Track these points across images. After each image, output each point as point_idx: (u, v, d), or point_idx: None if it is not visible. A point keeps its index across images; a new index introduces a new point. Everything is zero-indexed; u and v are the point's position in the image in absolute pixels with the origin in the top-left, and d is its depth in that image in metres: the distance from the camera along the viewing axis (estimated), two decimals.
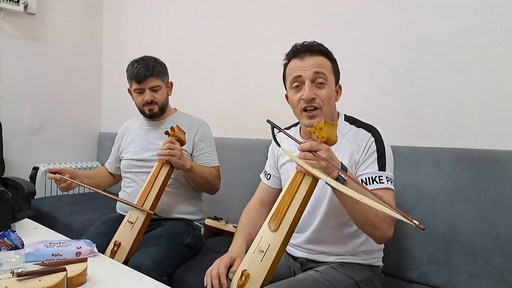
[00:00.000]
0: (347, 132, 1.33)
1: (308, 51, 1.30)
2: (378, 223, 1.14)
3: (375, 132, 1.29)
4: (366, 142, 1.27)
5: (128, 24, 3.56)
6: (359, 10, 1.94)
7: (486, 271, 1.39)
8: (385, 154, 1.25)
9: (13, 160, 3.19)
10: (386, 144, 1.27)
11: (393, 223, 1.18)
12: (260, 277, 1.10)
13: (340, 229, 1.32)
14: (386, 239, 1.19)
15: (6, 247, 1.30)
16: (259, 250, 1.14)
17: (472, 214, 1.43)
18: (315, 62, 1.27)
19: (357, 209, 1.13)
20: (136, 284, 1.24)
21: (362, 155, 1.26)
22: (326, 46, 1.34)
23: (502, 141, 1.49)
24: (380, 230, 1.15)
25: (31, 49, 3.32)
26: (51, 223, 2.41)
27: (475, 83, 1.57)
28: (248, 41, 2.51)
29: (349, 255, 1.33)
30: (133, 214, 1.66)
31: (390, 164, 1.27)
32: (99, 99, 3.84)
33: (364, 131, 1.30)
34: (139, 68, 1.83)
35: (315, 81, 1.27)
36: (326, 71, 1.28)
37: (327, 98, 1.27)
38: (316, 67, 1.26)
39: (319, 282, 1.21)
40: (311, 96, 1.25)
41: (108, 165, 2.12)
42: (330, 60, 1.31)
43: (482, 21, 1.55)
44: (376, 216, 1.13)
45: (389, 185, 1.22)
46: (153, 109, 1.89)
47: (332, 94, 1.30)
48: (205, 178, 1.79)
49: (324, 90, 1.27)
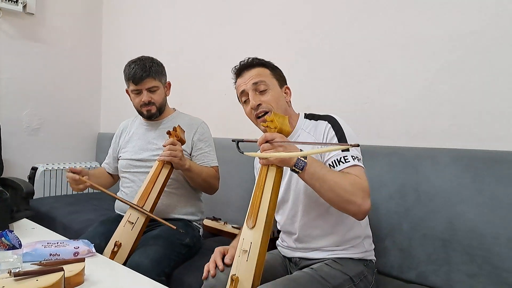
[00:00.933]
0: (307, 127, 1.41)
1: (245, 67, 1.46)
2: (351, 197, 1.16)
3: (331, 118, 1.36)
4: (324, 129, 1.34)
5: (127, 25, 3.56)
6: (358, 10, 1.94)
7: (484, 271, 1.39)
8: (345, 136, 1.30)
9: (12, 160, 3.19)
10: (344, 127, 1.33)
11: (368, 196, 1.20)
12: (249, 277, 1.11)
13: (323, 219, 1.35)
14: (365, 213, 1.21)
15: (3, 247, 1.30)
16: (243, 251, 1.16)
17: (471, 214, 1.43)
18: (252, 74, 1.41)
19: (326, 188, 1.16)
20: (134, 284, 1.24)
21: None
22: (261, 59, 1.48)
23: (501, 142, 1.49)
24: (354, 203, 1.17)
25: (30, 49, 3.32)
26: (49, 223, 2.41)
27: (474, 83, 1.57)
28: (247, 41, 2.51)
29: (341, 249, 1.34)
30: (133, 214, 1.65)
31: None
32: (98, 99, 3.84)
33: (321, 121, 1.38)
34: (136, 69, 1.81)
35: (258, 89, 1.39)
36: (265, 78, 1.40)
37: (273, 100, 1.38)
38: (253, 78, 1.40)
39: (314, 279, 1.22)
40: (257, 103, 1.38)
41: (106, 166, 2.11)
42: (269, 68, 1.44)
43: (481, 21, 1.55)
44: (345, 191, 1.16)
45: (356, 162, 1.25)
46: (150, 110, 1.88)
47: (278, 96, 1.40)
48: (204, 178, 1.79)
49: (267, 94, 1.39)
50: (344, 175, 1.20)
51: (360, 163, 1.26)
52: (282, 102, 1.41)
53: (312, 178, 1.17)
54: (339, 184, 1.16)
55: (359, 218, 1.26)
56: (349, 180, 1.18)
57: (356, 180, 1.19)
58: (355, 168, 1.24)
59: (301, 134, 1.40)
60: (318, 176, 1.16)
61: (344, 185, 1.16)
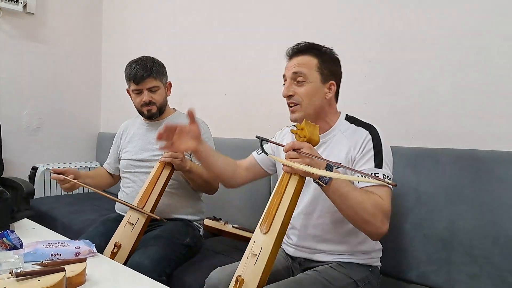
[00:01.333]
0: (346, 130, 1.36)
1: (296, 52, 1.39)
2: (370, 218, 1.15)
3: (373, 130, 1.32)
4: (363, 139, 1.29)
5: (127, 24, 3.56)
6: (358, 10, 1.94)
7: (485, 271, 1.39)
8: (382, 152, 1.27)
9: (12, 160, 3.18)
10: (384, 143, 1.29)
11: (387, 219, 1.18)
12: (255, 281, 1.10)
13: (337, 226, 1.33)
14: (380, 235, 1.20)
15: (5, 247, 1.30)
16: (252, 254, 1.14)
17: (471, 214, 1.43)
18: (297, 62, 1.36)
19: (347, 205, 1.15)
20: (135, 284, 1.24)
21: (359, 152, 1.28)
22: (319, 45, 1.40)
23: (502, 142, 1.49)
24: (372, 225, 1.16)
25: (30, 49, 3.32)
26: (50, 223, 2.41)
27: (475, 84, 1.57)
28: (247, 41, 2.51)
29: (347, 255, 1.33)
30: (133, 215, 1.65)
31: (388, 162, 1.28)
32: (98, 99, 3.84)
33: (362, 129, 1.33)
34: (137, 69, 1.82)
35: (295, 79, 1.35)
36: (306, 69, 1.34)
37: (306, 95, 1.33)
38: (295, 67, 1.35)
39: (318, 282, 1.21)
40: (287, 93, 1.36)
41: (107, 166, 2.11)
42: (319, 58, 1.36)
43: (481, 21, 1.55)
44: (366, 211, 1.14)
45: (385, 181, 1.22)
46: (151, 110, 1.88)
47: (314, 91, 1.34)
48: (204, 179, 1.79)
49: (302, 87, 1.34)
50: (367, 194, 1.18)
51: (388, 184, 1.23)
52: (317, 98, 1.35)
53: (335, 194, 1.14)
54: (360, 204, 1.14)
55: (374, 239, 1.25)
56: (372, 201, 1.15)
57: (379, 201, 1.17)
58: (381, 188, 1.21)
59: (337, 135, 1.36)
60: (341, 193, 1.13)
61: (365, 205, 1.14)
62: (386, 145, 1.29)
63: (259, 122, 2.40)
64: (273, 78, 2.31)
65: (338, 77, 1.41)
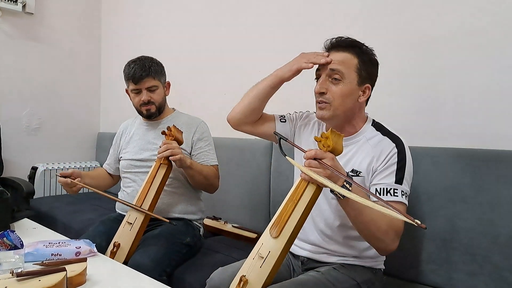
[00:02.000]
0: (371, 138, 1.30)
1: (335, 46, 1.32)
2: (381, 236, 1.13)
3: (399, 143, 1.26)
4: (389, 152, 1.24)
5: (126, 24, 3.56)
6: (360, 10, 1.94)
7: (485, 270, 1.39)
8: (405, 168, 1.23)
9: (12, 160, 3.18)
10: (408, 158, 1.25)
11: (398, 237, 1.17)
12: (259, 283, 1.09)
13: (345, 231, 1.31)
14: (389, 252, 1.19)
15: (5, 247, 1.30)
16: (259, 256, 1.13)
17: (471, 213, 1.43)
18: (336, 58, 1.28)
19: (360, 220, 1.13)
20: (135, 284, 1.24)
21: (381, 164, 1.24)
22: (361, 43, 1.34)
23: (502, 141, 1.49)
24: (383, 242, 1.15)
25: (29, 49, 3.31)
26: (50, 223, 2.41)
27: (476, 83, 1.57)
28: (246, 40, 2.50)
29: (351, 257, 1.32)
30: (132, 214, 1.66)
31: (408, 179, 1.24)
32: (98, 99, 3.84)
33: (389, 141, 1.27)
34: (135, 68, 1.82)
35: (331, 76, 1.27)
36: (345, 68, 1.26)
37: (340, 95, 1.26)
38: (334, 64, 1.27)
39: (321, 284, 1.21)
40: (321, 90, 1.28)
41: (107, 166, 2.11)
42: (360, 59, 1.29)
43: (483, 20, 1.56)
44: (379, 229, 1.12)
45: (402, 199, 1.20)
46: (150, 109, 1.88)
47: (348, 93, 1.27)
48: (205, 176, 1.79)
49: (337, 86, 1.27)
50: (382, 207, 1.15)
51: (405, 201, 1.21)
52: (349, 101, 1.28)
53: (350, 207, 1.12)
54: (375, 220, 1.11)
55: (381, 254, 1.24)
56: (387, 218, 1.12)
57: (394, 220, 1.13)
58: (398, 205, 1.17)
59: (361, 140, 1.31)
60: (357, 207, 1.10)
61: (379, 223, 1.12)
62: (409, 160, 1.25)
63: None
64: None
65: (374, 81, 1.35)
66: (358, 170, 1.27)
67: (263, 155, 2.19)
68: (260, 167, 2.19)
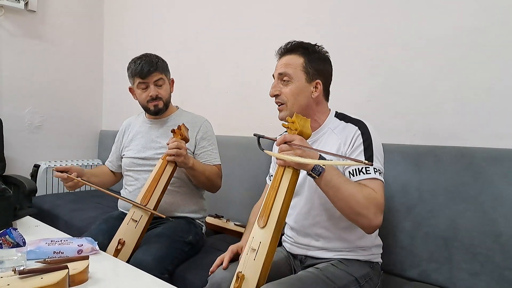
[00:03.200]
0: (336, 127, 1.38)
1: (283, 52, 1.42)
2: (362, 211, 1.16)
3: (362, 125, 1.33)
4: (353, 135, 1.31)
5: (129, 22, 3.56)
6: (359, 9, 1.94)
7: (486, 269, 1.39)
8: (372, 146, 1.28)
9: (14, 158, 3.19)
10: (374, 137, 1.30)
11: (381, 211, 1.20)
12: (255, 276, 1.11)
13: (334, 223, 1.34)
14: (374, 228, 1.22)
15: (7, 244, 1.31)
16: (251, 250, 1.15)
17: (472, 212, 1.43)
18: (284, 62, 1.38)
19: (339, 197, 1.16)
20: (137, 281, 1.25)
21: (349, 148, 1.30)
22: (306, 43, 1.41)
23: (503, 140, 1.49)
24: (365, 218, 1.17)
25: (31, 47, 3.32)
26: (52, 221, 2.42)
27: (476, 82, 1.57)
28: (249, 39, 2.50)
29: (347, 251, 1.34)
30: (137, 212, 1.66)
31: (379, 157, 1.30)
32: (100, 96, 3.84)
33: (351, 125, 1.34)
34: (142, 64, 1.83)
35: (281, 79, 1.38)
36: (291, 69, 1.36)
37: (291, 94, 1.35)
38: (282, 67, 1.38)
39: (319, 279, 1.22)
40: (274, 93, 1.39)
41: (109, 164, 2.11)
42: (306, 57, 1.37)
43: (482, 19, 1.55)
44: (358, 203, 1.16)
45: (376, 175, 1.24)
46: (158, 105, 1.88)
47: (299, 90, 1.36)
48: (207, 176, 1.80)
49: (287, 87, 1.36)
50: (360, 187, 1.20)
51: (380, 177, 1.25)
52: (302, 97, 1.36)
53: (327, 185, 1.16)
54: (353, 195, 1.16)
55: (368, 232, 1.26)
56: (364, 193, 1.17)
57: (372, 194, 1.19)
58: (374, 182, 1.23)
59: (327, 132, 1.39)
60: (333, 184, 1.15)
61: (358, 197, 1.16)
62: (376, 140, 1.31)
63: (261, 120, 2.40)
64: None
65: (325, 76, 1.41)
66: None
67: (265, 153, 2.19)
68: (262, 166, 2.19)
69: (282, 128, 1.64)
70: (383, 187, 1.25)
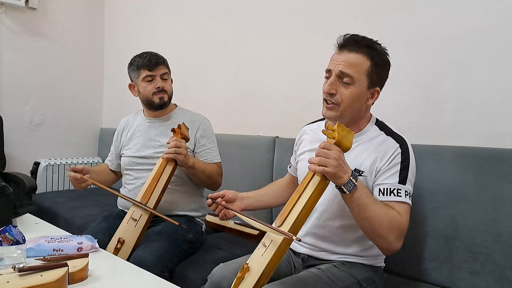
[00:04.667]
0: (375, 138, 1.30)
1: (347, 45, 1.28)
2: (384, 234, 1.14)
3: (403, 143, 1.26)
4: (392, 152, 1.24)
5: (130, 20, 3.55)
6: (362, 7, 1.93)
7: (487, 268, 1.39)
8: (409, 168, 1.23)
9: (14, 155, 3.19)
10: (412, 158, 1.25)
11: (402, 237, 1.18)
12: (259, 270, 1.10)
13: (345, 232, 1.31)
14: (392, 251, 1.19)
15: (7, 242, 1.30)
16: (262, 245, 1.14)
17: (473, 212, 1.43)
18: (347, 60, 1.24)
19: (364, 216, 1.14)
20: (137, 280, 1.25)
21: (385, 164, 1.24)
22: (375, 43, 1.29)
23: (505, 139, 1.48)
24: (386, 240, 1.15)
25: (32, 44, 3.31)
26: (52, 218, 2.41)
27: (479, 81, 1.56)
28: (249, 37, 2.50)
29: (351, 255, 1.33)
30: (137, 211, 1.65)
31: (412, 179, 1.25)
32: (100, 94, 3.84)
33: (392, 140, 1.27)
34: (150, 56, 1.86)
35: (342, 78, 1.24)
36: (355, 72, 1.23)
37: (349, 97, 1.24)
38: (345, 66, 1.23)
39: (321, 280, 1.21)
40: (330, 91, 1.25)
41: (109, 163, 2.11)
42: (372, 62, 1.25)
43: (485, 19, 1.55)
44: (382, 226, 1.13)
45: (406, 199, 1.20)
46: (163, 98, 1.88)
47: (357, 95, 1.25)
48: (207, 174, 1.79)
49: (348, 89, 1.24)
50: (387, 209, 1.16)
51: (409, 201, 1.21)
52: (358, 103, 1.26)
53: (355, 203, 1.13)
54: (378, 217, 1.13)
55: (385, 254, 1.25)
56: (390, 216, 1.15)
57: (397, 218, 1.16)
58: (402, 205, 1.19)
59: (364, 140, 1.31)
60: (361, 203, 1.12)
61: (383, 219, 1.13)
62: (413, 160, 1.25)
63: (261, 118, 2.40)
64: (276, 74, 2.31)
65: (384, 83, 1.33)
66: (361, 170, 1.27)
67: (266, 151, 2.19)
68: (263, 164, 2.19)
69: (281, 127, 1.65)
70: (410, 211, 1.22)
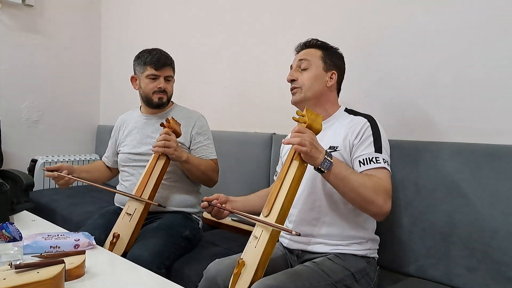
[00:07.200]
0: (344, 119, 1.44)
1: (303, 47, 1.52)
2: (373, 198, 1.20)
3: (371, 118, 1.39)
4: (362, 126, 1.36)
5: (127, 16, 3.54)
6: (358, 4, 1.93)
7: (483, 265, 1.39)
8: (381, 138, 1.34)
9: (12, 152, 3.18)
10: (382, 131, 1.36)
11: (389, 198, 1.24)
12: (254, 264, 1.11)
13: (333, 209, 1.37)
14: (385, 215, 1.25)
15: (4, 239, 1.30)
16: (253, 237, 1.16)
17: (470, 208, 1.43)
18: (303, 53, 1.49)
19: (349, 188, 1.20)
20: (134, 276, 1.24)
21: (357, 138, 1.34)
22: (323, 42, 1.52)
23: (502, 136, 1.48)
24: (375, 204, 1.21)
25: (29, 41, 3.30)
26: (49, 215, 2.41)
27: (475, 77, 1.56)
28: (247, 35, 2.49)
29: (344, 245, 1.35)
30: (131, 205, 1.66)
31: (386, 148, 1.35)
32: (98, 91, 3.83)
33: (360, 117, 1.40)
34: (159, 55, 1.85)
35: (300, 66, 1.46)
36: (311, 57, 1.46)
37: (308, 79, 1.43)
38: (301, 55, 1.47)
39: (315, 273, 1.22)
40: (291, 78, 1.47)
41: (106, 159, 2.11)
42: (323, 50, 1.48)
43: (482, 14, 1.54)
44: (368, 191, 1.20)
45: (385, 165, 1.29)
46: (162, 98, 1.89)
47: (315, 76, 1.44)
48: (202, 170, 1.79)
49: (305, 73, 1.45)
50: (368, 176, 1.24)
51: (388, 167, 1.30)
52: (318, 84, 1.44)
53: (336, 178, 1.19)
54: (362, 184, 1.19)
55: (379, 219, 1.30)
56: (372, 182, 1.22)
57: (380, 182, 1.24)
58: (381, 171, 1.28)
59: (336, 123, 1.44)
60: (342, 177, 1.19)
61: (367, 185, 1.20)
62: (383, 133, 1.36)
63: (258, 116, 2.40)
64: (273, 71, 2.31)
65: (340, 70, 1.51)
66: (335, 146, 1.36)
67: (263, 148, 2.19)
68: (260, 161, 2.19)
69: (278, 124, 1.65)
70: (390, 176, 1.30)
